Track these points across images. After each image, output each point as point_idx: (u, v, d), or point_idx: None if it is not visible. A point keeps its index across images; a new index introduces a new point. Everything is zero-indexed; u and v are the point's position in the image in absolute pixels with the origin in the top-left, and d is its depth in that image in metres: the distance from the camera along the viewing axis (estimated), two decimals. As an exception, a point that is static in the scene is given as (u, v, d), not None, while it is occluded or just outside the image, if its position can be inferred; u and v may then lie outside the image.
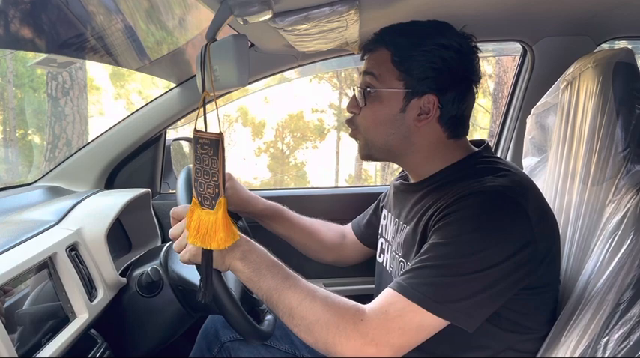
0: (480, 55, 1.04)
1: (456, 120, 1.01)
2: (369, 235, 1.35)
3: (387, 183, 2.02)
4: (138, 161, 1.66)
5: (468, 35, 1.00)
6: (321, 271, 1.70)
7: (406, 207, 1.07)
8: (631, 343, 0.77)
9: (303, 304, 0.88)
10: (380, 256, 1.20)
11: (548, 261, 0.90)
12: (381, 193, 1.41)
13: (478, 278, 0.84)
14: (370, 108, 1.02)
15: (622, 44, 1.71)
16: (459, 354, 0.94)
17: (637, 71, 0.96)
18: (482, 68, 1.05)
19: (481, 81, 1.04)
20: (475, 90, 1.03)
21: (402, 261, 1.03)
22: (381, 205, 1.32)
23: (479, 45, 1.03)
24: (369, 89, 1.01)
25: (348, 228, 1.44)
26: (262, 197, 1.52)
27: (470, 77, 1.01)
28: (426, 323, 0.84)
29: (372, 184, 10.01)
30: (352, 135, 1.09)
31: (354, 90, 1.08)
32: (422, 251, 0.90)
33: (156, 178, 1.73)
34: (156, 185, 1.73)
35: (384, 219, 1.21)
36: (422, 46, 0.96)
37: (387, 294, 0.88)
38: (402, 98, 0.98)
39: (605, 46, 1.57)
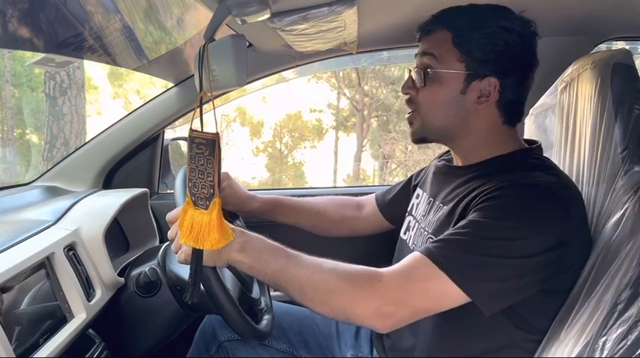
0: None
1: (514, 105, 1.00)
2: (392, 209, 1.35)
3: (385, 183, 2.02)
4: (136, 161, 1.66)
5: (528, 20, 0.99)
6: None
7: (446, 188, 1.06)
8: (629, 343, 0.77)
9: (313, 277, 0.87)
10: (405, 233, 1.19)
11: (575, 268, 0.90)
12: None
13: (512, 265, 0.83)
14: (429, 89, 1.00)
15: (620, 44, 1.71)
16: (464, 339, 0.95)
17: (635, 72, 0.96)
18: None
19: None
20: (532, 77, 1.02)
21: (430, 237, 1.02)
22: (413, 184, 1.31)
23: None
24: (428, 70, 0.99)
25: (367, 199, 1.44)
26: None
27: (530, 62, 1.00)
28: (449, 294, 0.83)
29: (370, 184, 10.01)
30: (410, 117, 1.06)
31: (409, 71, 1.06)
32: (458, 225, 0.89)
33: (154, 178, 1.72)
34: (154, 185, 1.72)
35: (417, 198, 1.20)
36: (483, 27, 0.95)
37: (413, 258, 0.87)
38: (463, 80, 0.97)
39: (602, 46, 1.58)
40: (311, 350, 1.30)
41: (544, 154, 1.04)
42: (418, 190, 1.22)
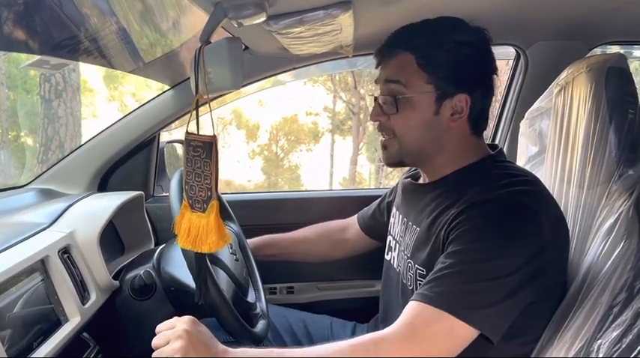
0: None
1: (482, 115, 1.01)
2: (372, 228, 1.37)
3: (382, 186, 2.04)
4: (131, 163, 1.66)
5: (480, 29, 0.99)
6: (316, 274, 1.70)
7: (416, 207, 1.06)
8: (624, 346, 0.78)
9: None
10: (387, 254, 1.20)
11: (557, 268, 0.90)
12: (376, 196, 1.42)
13: (501, 285, 0.83)
14: (402, 115, 0.99)
15: (614, 48, 1.72)
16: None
17: (629, 75, 0.97)
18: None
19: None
20: (495, 84, 1.02)
21: (409, 261, 1.02)
22: (387, 201, 1.32)
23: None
24: (398, 95, 0.98)
25: (351, 220, 1.46)
26: (257, 200, 1.53)
27: (491, 70, 1.00)
28: (457, 331, 0.82)
29: (366, 187, 10.02)
30: (385, 142, 1.05)
31: (375, 98, 1.05)
32: (441, 260, 0.88)
33: (149, 181, 1.72)
34: (149, 188, 1.72)
35: (394, 217, 1.20)
36: (443, 44, 0.95)
37: (410, 308, 0.86)
38: (434, 101, 0.97)
39: (597, 50, 1.59)
40: None
41: (537, 159, 1.04)
42: (393, 209, 1.22)
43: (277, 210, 1.76)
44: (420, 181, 1.12)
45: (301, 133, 11.26)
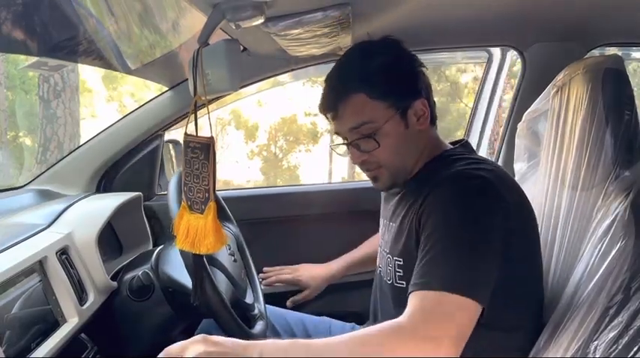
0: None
1: (434, 107, 1.08)
2: None
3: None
4: (137, 163, 1.65)
5: (387, 39, 1.04)
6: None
7: (391, 207, 1.11)
8: (620, 347, 0.78)
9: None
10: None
11: (523, 247, 0.93)
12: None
13: (478, 249, 0.86)
14: (384, 146, 1.02)
15: (612, 50, 1.72)
16: None
17: (626, 77, 0.97)
18: (473, 72, 1.06)
19: (471, 84, 1.06)
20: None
21: (388, 256, 1.05)
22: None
23: (471, 51, 1.05)
24: (370, 134, 1.01)
25: None
26: (257, 195, 1.72)
27: (417, 66, 1.05)
28: (463, 307, 0.83)
29: (364, 179, 10.02)
30: (374, 174, 1.08)
31: (347, 145, 1.07)
32: (422, 244, 0.91)
33: (154, 180, 1.72)
34: (153, 187, 1.72)
35: (382, 226, 1.22)
36: (380, 68, 1.00)
37: (412, 300, 0.86)
38: (400, 118, 1.01)
39: (595, 52, 1.59)
40: None
41: (535, 160, 1.05)
42: (381, 220, 1.24)
43: (277, 203, 1.78)
44: None
45: (300, 134, 11.25)
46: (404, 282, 0.99)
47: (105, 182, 1.63)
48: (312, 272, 1.53)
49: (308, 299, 1.55)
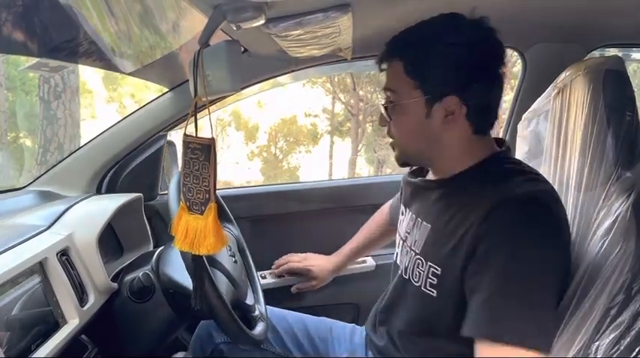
0: None
1: (483, 113, 0.99)
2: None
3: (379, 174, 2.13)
4: (141, 163, 1.65)
5: (479, 21, 0.96)
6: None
7: (426, 203, 1.07)
8: (622, 348, 0.78)
9: None
10: (395, 250, 1.19)
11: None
12: (373, 184, 1.45)
13: (545, 291, 0.83)
14: (396, 121, 1.02)
15: (613, 51, 1.72)
16: None
17: (627, 78, 0.97)
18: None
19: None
20: (499, 78, 0.98)
21: (419, 258, 1.01)
22: (400, 198, 1.30)
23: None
24: (391, 103, 1.01)
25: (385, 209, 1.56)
26: (256, 194, 1.78)
27: (489, 65, 0.97)
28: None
29: (364, 176, 10.02)
30: (392, 144, 1.08)
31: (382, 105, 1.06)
32: (485, 282, 0.85)
33: (157, 180, 1.72)
34: (156, 187, 1.72)
35: (402, 214, 1.20)
36: (432, 49, 0.94)
37: (486, 349, 0.83)
38: (424, 105, 0.97)
39: (596, 53, 1.59)
40: (305, 353, 1.31)
41: (535, 161, 1.04)
42: (402, 207, 1.22)
43: (277, 201, 1.80)
44: (428, 177, 1.13)
45: (300, 135, 11.26)
46: (434, 291, 0.97)
47: (106, 183, 1.63)
48: (320, 265, 1.57)
49: (313, 290, 1.57)
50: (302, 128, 11.27)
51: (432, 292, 0.97)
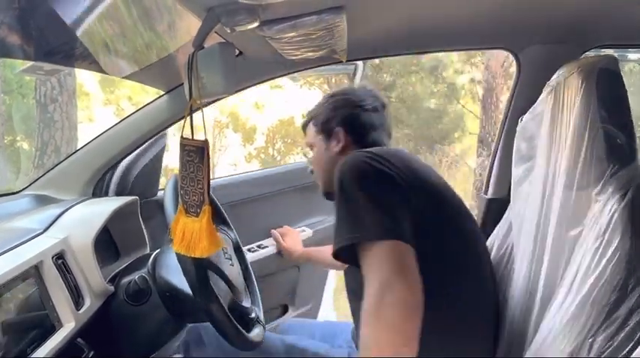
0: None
1: (361, 128, 1.33)
2: None
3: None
4: (141, 164, 1.65)
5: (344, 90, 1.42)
6: None
7: None
8: (615, 344, 0.79)
9: None
10: None
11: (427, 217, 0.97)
12: None
13: (375, 205, 0.90)
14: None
15: (608, 52, 1.73)
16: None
17: (620, 77, 0.97)
18: (470, 74, 1.05)
19: (470, 86, 1.05)
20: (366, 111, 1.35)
21: None
22: None
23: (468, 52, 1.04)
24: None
25: None
26: (238, 181, 2.02)
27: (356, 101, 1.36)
28: (394, 249, 0.86)
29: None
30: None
31: None
32: None
33: (155, 182, 1.72)
34: (155, 188, 1.73)
35: None
36: (320, 108, 1.43)
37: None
38: (323, 142, 1.37)
39: (591, 53, 1.59)
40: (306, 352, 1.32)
41: (532, 161, 1.04)
42: None
43: (262, 184, 2.04)
44: None
45: (298, 136, 11.24)
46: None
47: (102, 186, 1.63)
48: (290, 248, 1.89)
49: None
50: (300, 129, 11.26)
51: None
